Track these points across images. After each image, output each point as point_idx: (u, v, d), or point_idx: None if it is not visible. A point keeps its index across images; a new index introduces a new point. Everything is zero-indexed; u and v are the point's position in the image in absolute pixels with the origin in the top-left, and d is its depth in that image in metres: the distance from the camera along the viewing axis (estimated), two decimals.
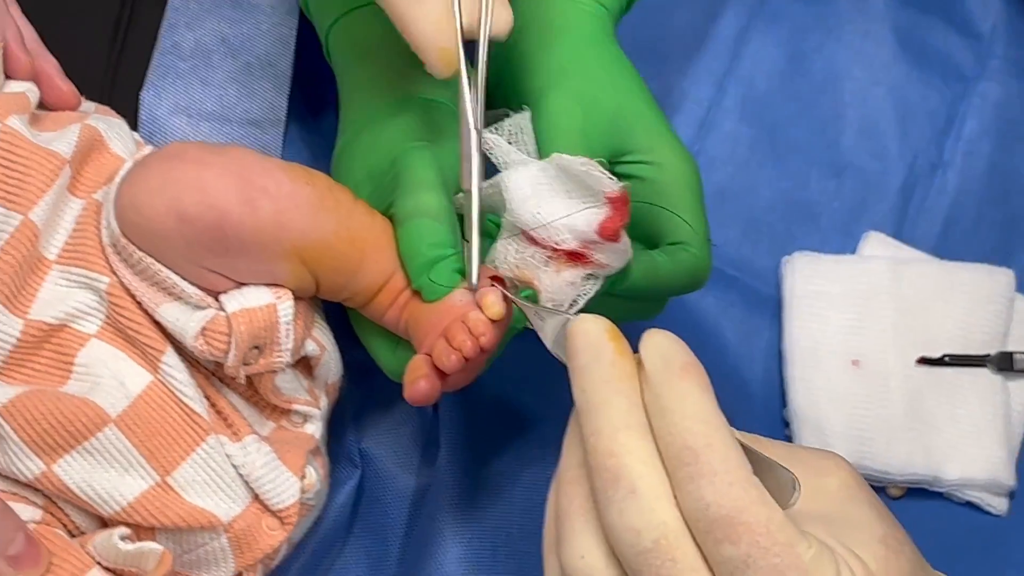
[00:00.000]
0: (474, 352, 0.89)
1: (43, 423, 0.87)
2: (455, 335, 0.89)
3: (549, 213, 0.91)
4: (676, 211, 0.99)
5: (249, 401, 0.96)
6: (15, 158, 0.90)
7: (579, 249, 0.90)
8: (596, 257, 0.91)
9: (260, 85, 1.06)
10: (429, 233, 0.92)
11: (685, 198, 1.00)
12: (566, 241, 0.90)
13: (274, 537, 0.93)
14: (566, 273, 0.91)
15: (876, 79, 1.33)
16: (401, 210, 0.94)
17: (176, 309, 0.91)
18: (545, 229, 0.91)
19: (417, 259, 0.92)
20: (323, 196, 0.92)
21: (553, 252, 0.91)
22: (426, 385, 0.89)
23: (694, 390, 0.71)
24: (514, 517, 1.04)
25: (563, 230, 0.90)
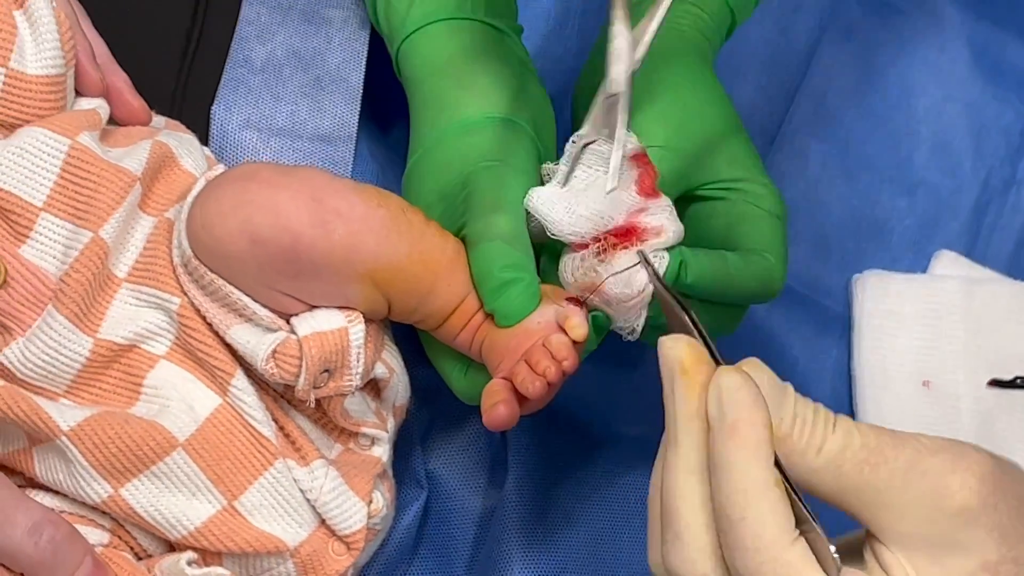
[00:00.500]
0: (558, 377, 0.88)
1: (111, 447, 0.87)
2: (538, 360, 0.88)
3: (582, 205, 0.91)
4: (760, 231, 1.00)
5: (317, 424, 0.95)
6: (86, 175, 0.90)
7: (628, 222, 0.90)
8: (645, 222, 0.90)
9: (330, 100, 1.05)
10: (501, 255, 0.91)
11: (765, 219, 1.00)
12: (611, 221, 0.90)
13: (340, 562, 0.92)
14: (622, 258, 0.90)
15: (950, 95, 1.31)
16: (473, 232, 0.93)
17: (247, 331, 0.90)
18: (587, 221, 0.91)
19: (490, 282, 0.91)
20: (396, 218, 0.91)
21: (604, 241, 0.90)
22: (506, 411, 0.88)
23: (739, 454, 0.69)
24: (582, 540, 1.03)
25: (604, 213, 0.90)
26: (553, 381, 0.88)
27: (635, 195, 0.91)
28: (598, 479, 1.05)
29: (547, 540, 1.02)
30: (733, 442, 0.69)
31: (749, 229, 1.00)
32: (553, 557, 1.01)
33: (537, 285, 0.91)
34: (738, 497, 0.68)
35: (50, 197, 0.89)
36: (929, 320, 1.23)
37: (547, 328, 0.90)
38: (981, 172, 1.29)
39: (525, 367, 0.88)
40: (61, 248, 0.89)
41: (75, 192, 0.89)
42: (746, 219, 1.00)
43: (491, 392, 0.89)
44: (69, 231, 0.89)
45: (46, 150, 0.89)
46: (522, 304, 0.91)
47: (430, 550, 1.05)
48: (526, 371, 0.88)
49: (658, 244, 0.91)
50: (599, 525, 1.04)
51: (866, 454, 0.70)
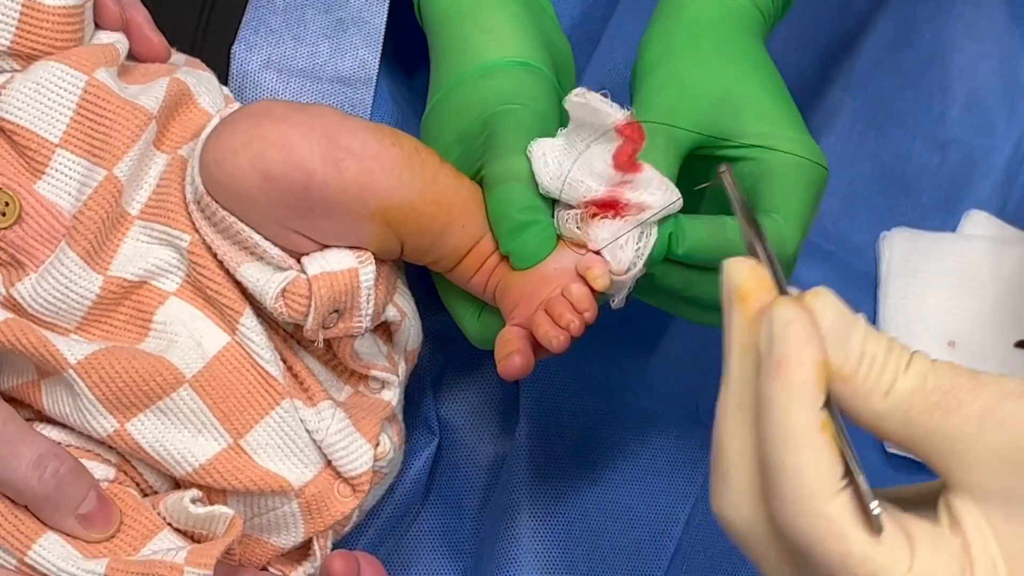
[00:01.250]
0: (581, 330, 0.87)
1: (117, 381, 0.87)
2: (561, 313, 0.87)
3: (571, 168, 0.89)
4: (777, 189, 0.94)
5: (327, 365, 0.95)
6: (102, 112, 0.90)
7: (608, 195, 0.88)
8: (628, 197, 0.88)
9: (351, 42, 1.05)
10: (520, 197, 0.91)
11: (789, 178, 0.94)
12: (592, 190, 0.88)
13: (346, 504, 0.92)
14: (605, 228, 0.88)
15: (986, 52, 1.29)
16: (492, 173, 0.92)
17: (257, 269, 0.90)
18: (570, 187, 0.89)
19: (507, 223, 0.90)
20: (409, 157, 0.90)
21: (586, 208, 0.89)
22: (521, 360, 0.87)
23: (782, 394, 0.64)
24: (592, 492, 1.03)
25: (586, 180, 0.88)
26: (576, 335, 0.87)
27: (611, 169, 0.88)
28: (609, 430, 1.05)
29: (556, 490, 1.01)
30: (777, 381, 0.64)
31: (766, 189, 0.94)
32: (562, 507, 1.01)
33: (553, 229, 0.91)
34: (777, 442, 0.63)
35: (66, 133, 0.89)
36: (957, 280, 1.22)
37: (564, 275, 0.89)
38: (1015, 132, 1.27)
39: (547, 319, 0.87)
40: (76, 185, 0.89)
41: (91, 129, 0.89)
42: (766, 178, 0.94)
43: (505, 341, 0.89)
44: (85, 168, 0.89)
45: (63, 86, 0.89)
46: (538, 246, 0.90)
47: (440, 496, 1.05)
48: (548, 323, 0.87)
49: (645, 218, 0.88)
50: (609, 476, 1.04)
51: (938, 397, 0.64)
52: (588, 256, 0.88)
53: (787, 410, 0.64)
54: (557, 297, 0.88)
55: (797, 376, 0.64)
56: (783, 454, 0.63)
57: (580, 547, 1.00)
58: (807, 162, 0.94)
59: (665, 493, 1.04)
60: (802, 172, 0.94)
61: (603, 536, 1.01)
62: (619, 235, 0.87)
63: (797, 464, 0.63)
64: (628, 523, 1.02)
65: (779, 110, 0.96)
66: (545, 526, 0.99)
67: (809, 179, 0.95)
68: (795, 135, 0.95)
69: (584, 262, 0.88)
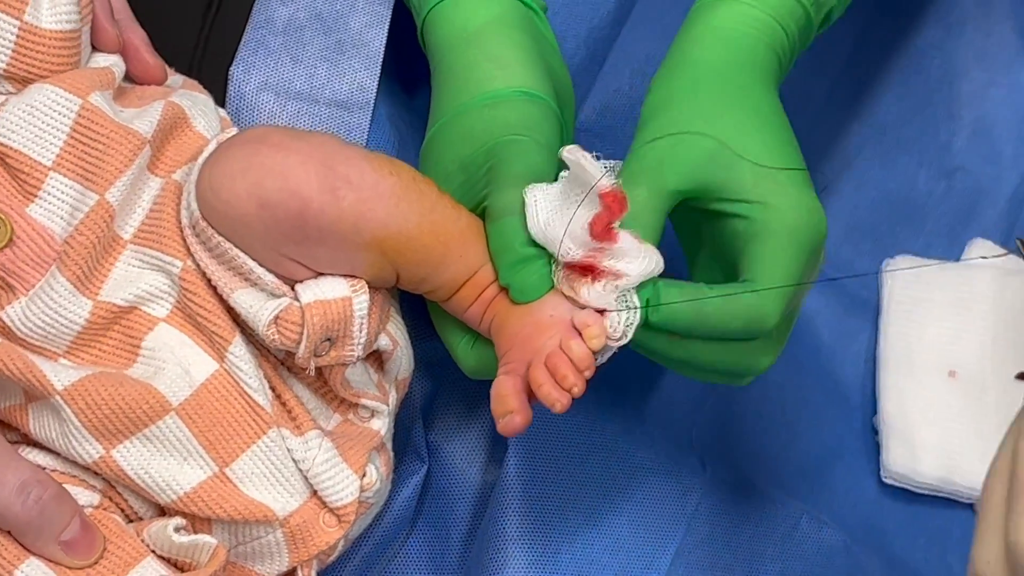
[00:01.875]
0: (582, 390, 0.86)
1: (104, 408, 0.87)
2: (565, 375, 0.86)
3: (556, 224, 0.88)
4: (765, 255, 0.89)
5: (317, 393, 0.95)
6: (95, 136, 0.90)
7: (585, 259, 0.87)
8: (605, 264, 0.87)
9: (350, 65, 1.04)
10: (523, 231, 0.90)
11: (779, 241, 0.89)
12: (570, 252, 0.87)
13: (331, 535, 0.92)
14: (588, 291, 0.87)
15: (995, 80, 1.28)
16: (495, 206, 0.92)
17: (251, 296, 0.90)
18: (552, 245, 0.88)
19: (509, 255, 0.90)
20: (407, 187, 0.90)
21: (567, 269, 0.88)
22: (521, 420, 0.87)
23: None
24: (580, 521, 1.02)
25: (566, 241, 0.87)
26: (579, 396, 0.86)
27: (587, 239, 0.86)
28: (598, 459, 1.05)
29: (544, 519, 1.01)
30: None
31: (753, 253, 0.90)
32: (549, 536, 1.01)
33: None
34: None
35: (59, 157, 0.89)
36: (959, 309, 1.22)
37: (560, 324, 0.88)
38: (1022, 161, 1.26)
39: (548, 378, 0.86)
40: (68, 209, 0.89)
41: (84, 153, 0.89)
42: (757, 239, 0.90)
43: (503, 398, 0.87)
44: (77, 192, 0.89)
45: (57, 109, 0.89)
46: (539, 281, 0.89)
47: (428, 523, 1.05)
48: (551, 384, 0.86)
49: (624, 285, 0.87)
50: (598, 505, 1.03)
51: None
52: (587, 312, 0.88)
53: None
54: (557, 353, 0.87)
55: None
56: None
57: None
58: (802, 225, 0.90)
59: (655, 522, 1.03)
60: (795, 236, 0.90)
61: (591, 565, 1.01)
62: (606, 305, 0.87)
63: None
64: (616, 552, 1.02)
65: (777, 160, 0.92)
66: (532, 555, 0.99)
67: (802, 243, 0.90)
68: (792, 191, 0.91)
69: (582, 318, 0.88)
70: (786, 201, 0.90)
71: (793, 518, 1.09)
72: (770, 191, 0.90)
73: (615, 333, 0.87)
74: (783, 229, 0.89)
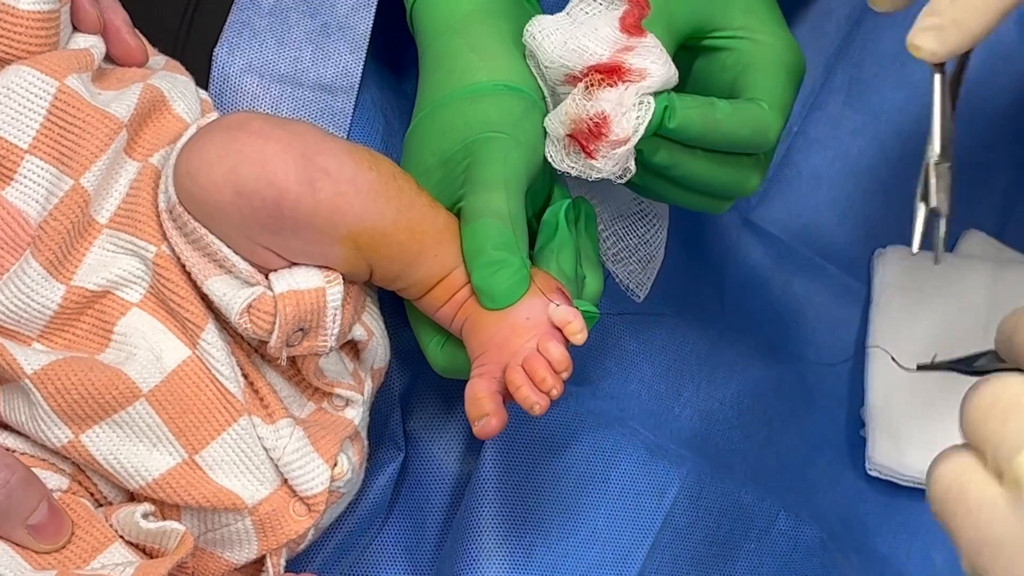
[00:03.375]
0: (561, 392, 0.87)
1: (73, 393, 0.87)
2: (543, 377, 0.86)
3: (575, 38, 0.91)
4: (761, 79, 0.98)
5: (291, 381, 0.95)
6: (72, 119, 0.89)
7: (613, 60, 0.90)
8: (631, 63, 0.90)
9: (335, 48, 1.03)
10: (496, 234, 0.90)
11: (771, 69, 0.99)
12: (596, 55, 0.90)
13: (300, 523, 0.92)
14: (609, 95, 0.90)
15: (994, 69, 1.27)
16: (471, 206, 0.92)
17: (224, 283, 0.89)
18: (578, 55, 0.91)
19: (481, 258, 0.90)
20: (386, 183, 0.90)
21: (591, 75, 0.90)
22: (497, 423, 0.87)
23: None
24: (555, 515, 1.02)
25: (592, 46, 0.90)
26: (556, 398, 0.87)
27: (618, 32, 0.91)
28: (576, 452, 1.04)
29: (519, 512, 1.01)
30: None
31: (751, 78, 0.98)
32: (524, 529, 1.01)
33: (528, 271, 0.90)
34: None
35: (36, 140, 0.88)
36: (951, 300, 1.21)
37: (537, 326, 0.88)
38: (1019, 151, 1.25)
39: (526, 380, 0.86)
40: (44, 193, 0.88)
41: (60, 136, 0.89)
42: (750, 68, 0.99)
43: (478, 401, 0.87)
44: (53, 176, 0.88)
45: (33, 91, 0.88)
46: (511, 288, 0.89)
47: (404, 512, 1.05)
48: (529, 387, 0.86)
49: (644, 88, 0.90)
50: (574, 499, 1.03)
51: None
52: (564, 309, 0.88)
53: None
54: (535, 355, 0.87)
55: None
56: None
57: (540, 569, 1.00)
58: (788, 55, 0.99)
59: (631, 518, 1.03)
60: (784, 64, 0.99)
61: (566, 558, 1.00)
62: (623, 100, 0.90)
63: None
64: (591, 545, 1.02)
65: (765, 5, 1.00)
66: (507, 547, 0.99)
67: (790, 71, 0.99)
68: (779, 30, 1.00)
69: (561, 315, 0.88)
70: (771, 35, 1.00)
71: (771, 514, 1.08)
72: (756, 27, 0.99)
73: (627, 132, 0.90)
74: (774, 58, 0.99)
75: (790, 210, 1.25)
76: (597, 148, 0.91)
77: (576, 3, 0.93)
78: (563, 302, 0.88)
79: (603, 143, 0.90)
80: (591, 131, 0.90)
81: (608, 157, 0.91)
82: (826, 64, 1.26)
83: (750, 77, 0.98)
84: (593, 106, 0.90)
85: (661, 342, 1.13)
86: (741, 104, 0.96)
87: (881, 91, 1.26)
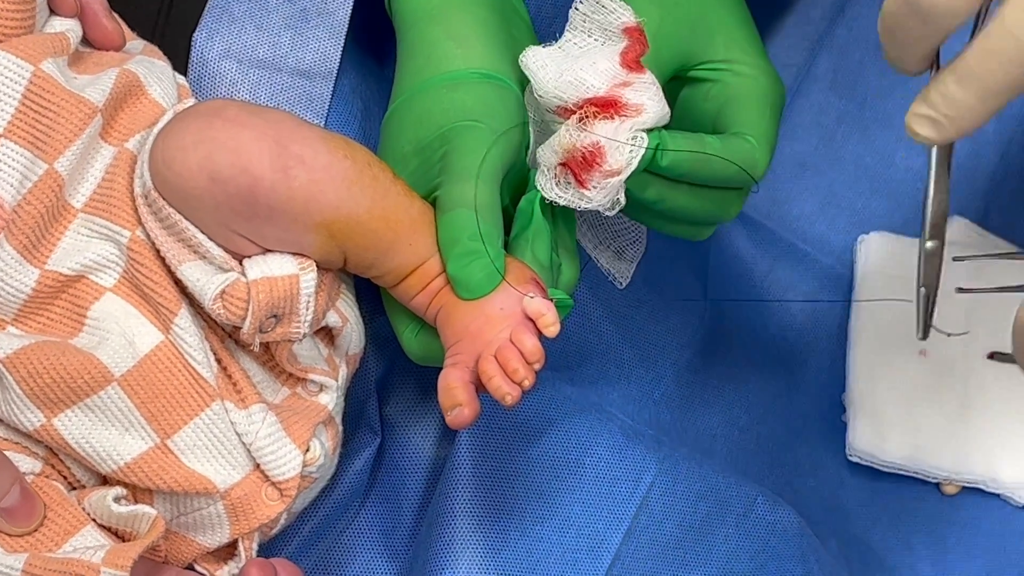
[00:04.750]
0: (532, 383, 0.87)
1: (45, 377, 0.87)
2: (515, 368, 0.86)
3: (571, 71, 0.91)
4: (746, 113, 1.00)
5: (264, 366, 0.95)
6: (47, 104, 0.89)
7: (610, 94, 0.90)
8: (627, 98, 0.90)
9: (314, 34, 1.03)
10: (472, 224, 0.90)
11: (756, 103, 1.00)
12: (593, 88, 0.90)
13: (272, 508, 0.92)
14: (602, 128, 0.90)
15: None
16: (446, 196, 0.92)
17: (198, 269, 0.90)
18: (574, 87, 0.91)
19: (456, 248, 0.90)
20: (361, 171, 0.90)
21: (587, 107, 0.91)
22: (469, 413, 0.86)
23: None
24: (530, 500, 1.02)
25: (589, 79, 0.91)
26: (528, 389, 0.87)
27: (618, 66, 0.91)
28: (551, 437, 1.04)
29: (494, 497, 1.01)
30: None
31: (736, 112, 1.00)
32: (498, 514, 1.00)
33: (503, 262, 0.90)
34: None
35: (10, 124, 0.88)
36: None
37: (510, 317, 0.88)
38: (1002, 140, 1.25)
39: (498, 371, 0.87)
40: (18, 177, 0.88)
41: (35, 120, 0.89)
42: (734, 102, 1.00)
43: (451, 391, 0.87)
44: (27, 160, 0.89)
45: (8, 75, 0.88)
46: (485, 279, 0.89)
47: (380, 497, 1.05)
48: (501, 377, 0.86)
49: (639, 123, 0.91)
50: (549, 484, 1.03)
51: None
52: (538, 301, 0.88)
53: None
54: (508, 346, 0.87)
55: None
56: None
57: (514, 554, 0.99)
58: (770, 86, 1.01)
59: (605, 503, 1.03)
60: (767, 97, 1.01)
61: (539, 544, 1.00)
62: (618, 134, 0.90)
63: None
64: (565, 532, 1.01)
65: (746, 37, 1.03)
66: (481, 533, 0.99)
67: (773, 104, 1.01)
68: (759, 61, 1.02)
69: (535, 307, 0.88)
70: (753, 67, 1.02)
71: (749, 499, 1.08)
72: (739, 59, 1.01)
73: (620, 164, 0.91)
74: (758, 91, 1.01)
75: (774, 196, 1.25)
76: (590, 178, 0.91)
77: (569, 37, 0.94)
78: (537, 293, 0.89)
79: (596, 173, 0.91)
80: (585, 160, 0.91)
81: (600, 187, 0.91)
82: (811, 50, 1.26)
83: (735, 111, 1.00)
84: (587, 137, 0.90)
85: (640, 327, 1.13)
86: (729, 140, 0.97)
87: (866, 77, 1.26)
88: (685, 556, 1.05)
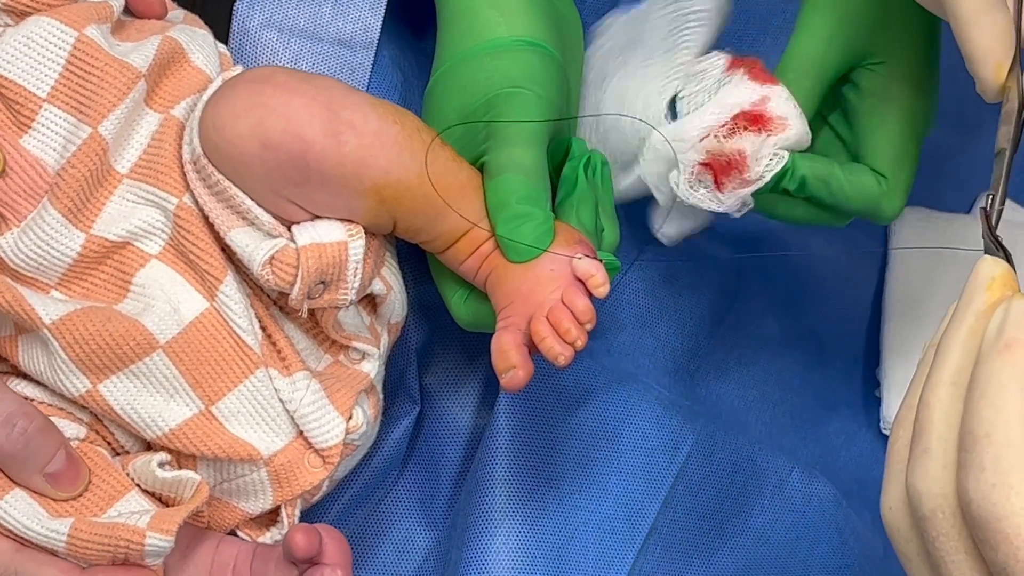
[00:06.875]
0: (585, 343, 0.87)
1: (91, 343, 0.87)
2: (567, 328, 0.87)
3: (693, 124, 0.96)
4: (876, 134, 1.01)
5: (308, 333, 0.96)
6: (90, 68, 0.90)
7: (754, 108, 0.94)
8: (771, 110, 0.94)
9: (355, 4, 1.03)
10: (521, 187, 0.91)
11: (902, 139, 1.01)
12: (735, 108, 0.94)
13: (315, 475, 0.93)
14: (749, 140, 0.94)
15: None
16: (494, 161, 0.92)
17: (247, 235, 0.90)
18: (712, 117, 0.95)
19: (506, 210, 0.90)
20: (410, 137, 0.90)
21: (737, 120, 0.94)
22: (524, 375, 0.87)
23: (1003, 372, 0.66)
24: (568, 469, 1.02)
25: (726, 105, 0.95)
26: (581, 349, 0.87)
27: (750, 83, 0.94)
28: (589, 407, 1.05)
29: (532, 467, 1.01)
30: (1000, 359, 0.66)
31: (880, 142, 1.01)
32: (538, 482, 1.01)
33: (552, 224, 0.91)
34: (988, 412, 0.65)
35: (54, 88, 0.89)
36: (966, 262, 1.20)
37: (560, 278, 0.89)
38: None
39: (550, 331, 0.87)
40: (62, 141, 0.89)
41: (79, 85, 0.89)
42: (876, 131, 1.01)
43: (504, 354, 0.87)
44: (71, 124, 0.89)
45: (53, 40, 0.89)
46: (535, 241, 0.90)
47: (419, 465, 1.05)
48: (553, 337, 0.87)
49: (782, 140, 0.94)
50: (588, 454, 1.03)
51: None
52: (587, 261, 0.88)
53: (1005, 386, 0.66)
54: (559, 306, 0.87)
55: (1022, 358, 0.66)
56: (993, 426, 0.65)
57: (552, 523, 1.00)
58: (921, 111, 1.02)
59: (643, 473, 1.03)
60: (915, 131, 1.02)
61: (577, 513, 1.01)
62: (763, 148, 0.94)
63: (1005, 436, 0.65)
64: (603, 501, 1.02)
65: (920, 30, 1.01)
66: (519, 503, 0.99)
67: (919, 137, 1.03)
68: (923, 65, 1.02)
69: (584, 267, 0.88)
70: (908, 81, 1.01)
71: (785, 470, 1.09)
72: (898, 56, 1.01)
73: (757, 175, 0.95)
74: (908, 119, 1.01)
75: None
76: (729, 181, 0.95)
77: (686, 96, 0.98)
78: (587, 254, 0.89)
79: (735, 179, 0.94)
80: (729, 163, 0.94)
81: (733, 194, 0.95)
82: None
83: (879, 139, 1.02)
84: (736, 143, 0.94)
85: (676, 300, 1.13)
86: (860, 175, 1.00)
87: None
88: (722, 526, 1.06)
